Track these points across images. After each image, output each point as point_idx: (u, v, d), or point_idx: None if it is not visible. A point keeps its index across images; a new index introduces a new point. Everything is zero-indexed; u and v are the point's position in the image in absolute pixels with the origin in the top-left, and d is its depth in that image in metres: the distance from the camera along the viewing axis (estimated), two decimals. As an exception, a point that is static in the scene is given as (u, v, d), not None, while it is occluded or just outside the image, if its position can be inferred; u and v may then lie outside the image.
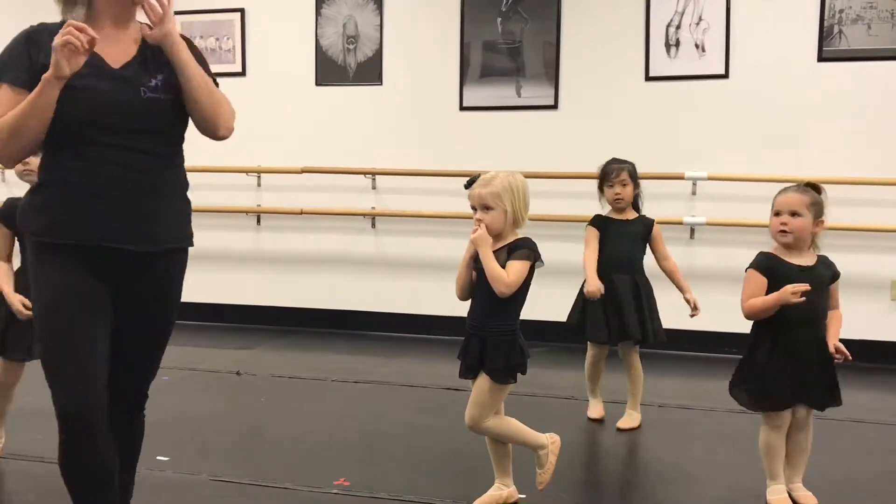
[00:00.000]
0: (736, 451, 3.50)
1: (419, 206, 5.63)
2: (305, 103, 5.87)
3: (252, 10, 5.93)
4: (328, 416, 4.01)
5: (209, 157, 5.63)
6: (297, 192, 5.87)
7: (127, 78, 2.12)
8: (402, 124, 5.70)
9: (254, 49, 5.95)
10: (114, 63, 2.13)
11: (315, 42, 5.82)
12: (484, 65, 5.54)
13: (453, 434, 3.64)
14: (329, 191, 5.81)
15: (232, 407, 4.13)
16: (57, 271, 2.11)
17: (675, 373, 4.86)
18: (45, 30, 2.12)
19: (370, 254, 5.84)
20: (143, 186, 2.13)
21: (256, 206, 5.98)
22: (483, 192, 2.75)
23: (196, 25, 5.94)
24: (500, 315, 2.79)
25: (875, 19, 4.94)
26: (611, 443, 3.72)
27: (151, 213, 2.16)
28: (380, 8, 5.70)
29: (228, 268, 5.99)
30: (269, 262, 6.03)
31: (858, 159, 4.99)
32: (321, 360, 5.12)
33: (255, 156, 5.88)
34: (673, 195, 5.24)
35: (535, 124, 5.47)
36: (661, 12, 5.24)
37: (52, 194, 2.12)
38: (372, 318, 5.82)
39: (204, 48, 5.89)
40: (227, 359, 4.97)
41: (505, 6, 5.48)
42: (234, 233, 6.01)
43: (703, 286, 5.24)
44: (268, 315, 6.01)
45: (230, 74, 5.83)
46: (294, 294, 5.97)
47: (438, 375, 4.60)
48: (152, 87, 2.13)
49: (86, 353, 2.10)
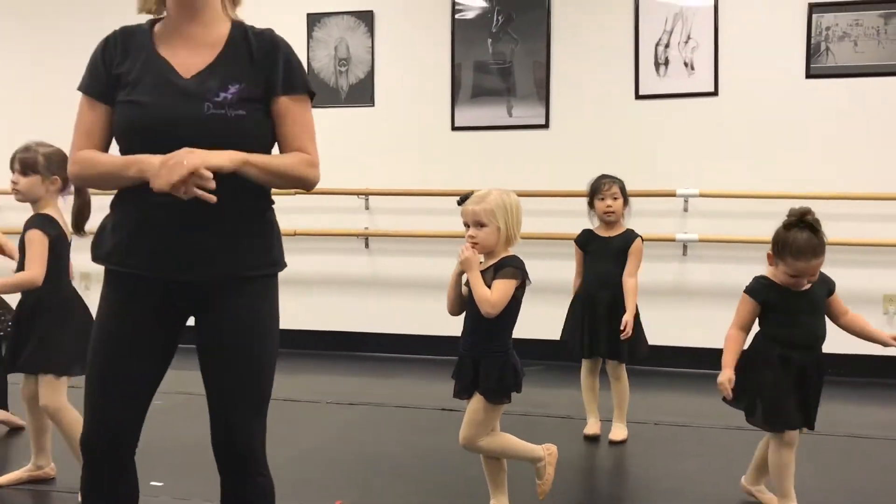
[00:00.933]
0: (731, 468, 3.50)
1: (412, 226, 5.64)
2: (298, 125, 5.88)
3: (244, 34, 5.96)
4: (323, 437, 4.00)
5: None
6: (290, 213, 5.78)
7: (192, 91, 1.88)
8: (395, 145, 5.72)
9: (246, 72, 5.97)
10: (185, 72, 1.91)
11: (307, 65, 5.85)
12: (475, 85, 5.57)
13: (449, 454, 3.63)
14: (322, 211, 5.81)
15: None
16: (113, 300, 1.99)
17: (669, 389, 4.86)
18: (122, 33, 1.99)
19: (363, 274, 5.84)
20: (208, 214, 1.85)
21: (249, 228, 5.97)
22: (477, 209, 2.75)
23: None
24: (492, 335, 2.79)
25: (861, 36, 5.00)
26: (605, 460, 3.72)
27: (219, 241, 1.92)
28: (371, 30, 5.74)
29: (222, 290, 5.97)
30: (262, 284, 6.01)
31: (848, 174, 5.02)
32: (315, 382, 5.10)
33: (248, 178, 5.87)
34: (665, 212, 5.27)
35: (527, 143, 5.50)
36: (649, 31, 5.29)
37: (116, 219, 1.97)
38: (366, 338, 5.81)
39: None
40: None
41: (495, 27, 5.52)
42: (227, 255, 6.00)
43: (697, 303, 5.28)
44: (262, 337, 5.98)
45: (222, 97, 5.84)
46: (287, 315, 5.86)
47: (433, 396, 4.59)
48: (219, 102, 1.87)
49: (116, 388, 1.98)
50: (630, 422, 3.94)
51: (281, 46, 1.99)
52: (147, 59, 1.95)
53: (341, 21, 5.78)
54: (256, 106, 1.92)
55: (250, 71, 1.93)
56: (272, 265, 2.04)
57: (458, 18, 5.57)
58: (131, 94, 1.91)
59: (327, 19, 5.80)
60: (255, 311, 2.00)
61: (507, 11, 5.50)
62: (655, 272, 5.33)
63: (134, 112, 1.90)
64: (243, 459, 2.01)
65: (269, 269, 2.03)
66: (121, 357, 1.97)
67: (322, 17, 5.80)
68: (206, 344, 2.00)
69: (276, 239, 2.05)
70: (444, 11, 5.60)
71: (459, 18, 5.57)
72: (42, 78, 6.13)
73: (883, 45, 4.97)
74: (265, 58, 1.96)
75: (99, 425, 1.99)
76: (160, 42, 1.97)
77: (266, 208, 2.03)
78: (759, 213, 5.11)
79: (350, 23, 5.77)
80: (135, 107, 1.90)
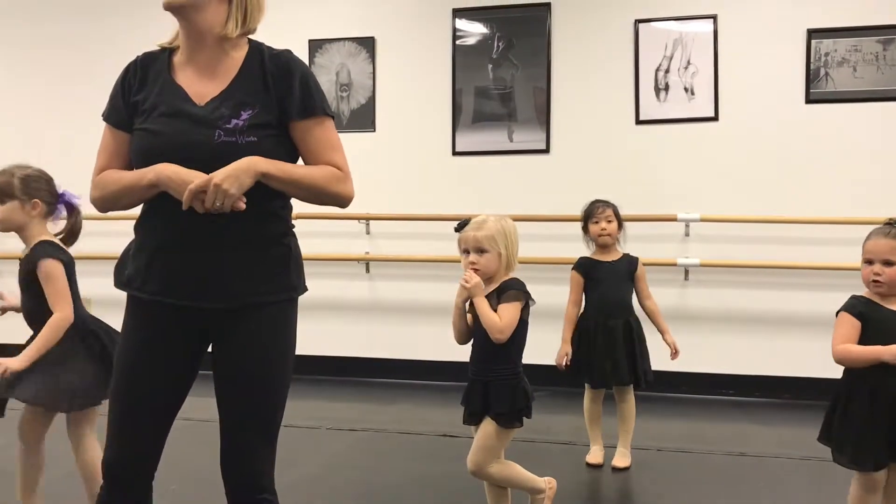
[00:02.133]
0: (734, 494, 3.46)
1: (413, 251, 5.63)
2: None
3: (245, 60, 5.99)
4: (323, 464, 3.97)
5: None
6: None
7: (204, 118, 1.89)
8: (396, 170, 5.73)
9: (247, 97, 5.99)
10: (198, 99, 1.92)
11: (308, 90, 5.86)
12: (476, 110, 5.59)
13: (451, 481, 3.60)
14: (322, 236, 5.81)
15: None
16: (133, 327, 2.00)
17: (672, 415, 4.83)
18: (143, 60, 2.01)
19: (364, 299, 5.83)
20: (224, 239, 1.89)
21: (250, 253, 5.97)
22: (479, 235, 2.76)
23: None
24: (501, 359, 2.78)
25: (860, 62, 5.02)
26: (608, 487, 3.68)
27: (234, 267, 1.92)
28: (372, 56, 5.77)
29: (222, 315, 5.95)
30: (262, 309, 5.99)
31: (849, 199, 5.02)
32: (315, 408, 5.07)
33: (249, 203, 5.88)
34: (666, 237, 5.26)
35: (528, 168, 5.51)
36: (649, 57, 5.31)
37: (137, 245, 1.99)
38: (366, 364, 5.78)
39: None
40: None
41: (496, 53, 5.55)
42: (227, 280, 5.98)
43: (698, 328, 5.26)
44: (262, 362, 5.96)
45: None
46: (288, 341, 5.93)
47: (434, 422, 4.56)
48: (230, 130, 1.88)
49: (137, 417, 1.99)
50: (633, 448, 3.91)
51: (296, 69, 1.98)
52: (163, 86, 1.96)
53: (343, 47, 5.81)
54: (270, 132, 1.92)
55: (264, 97, 1.93)
56: (289, 290, 2.03)
57: (459, 44, 5.60)
58: (146, 121, 1.93)
59: (329, 45, 5.83)
60: (271, 337, 1.99)
61: (508, 37, 5.53)
62: (657, 297, 5.27)
63: (148, 140, 1.92)
64: (251, 485, 1.99)
65: (286, 294, 2.02)
66: (142, 385, 1.98)
67: (324, 43, 5.83)
68: (221, 371, 1.99)
69: (295, 264, 2.04)
70: (444, 37, 5.63)
71: (460, 44, 5.60)
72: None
73: (882, 70, 4.99)
74: (280, 82, 1.95)
75: (122, 451, 2.00)
76: (178, 69, 1.99)
77: (284, 233, 2.03)
78: (761, 237, 5.11)
79: (351, 49, 5.80)
80: (149, 135, 1.92)
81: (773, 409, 4.95)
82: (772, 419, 4.74)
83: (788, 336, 5.10)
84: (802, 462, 3.85)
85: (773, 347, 5.14)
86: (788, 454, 4.02)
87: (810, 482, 3.51)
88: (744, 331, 5.20)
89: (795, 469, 3.82)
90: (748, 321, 5.20)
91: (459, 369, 2.87)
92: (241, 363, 1.97)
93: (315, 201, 2.02)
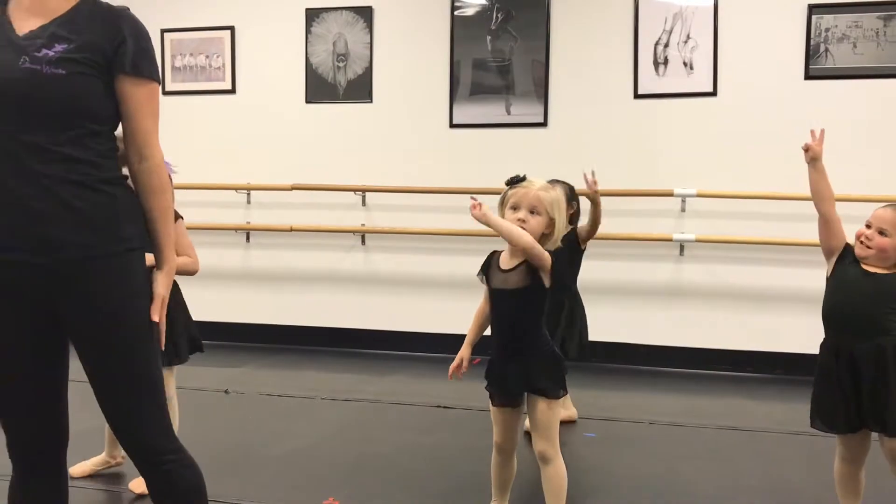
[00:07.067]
0: (726, 468, 3.49)
1: (409, 223, 5.62)
2: (295, 121, 5.87)
3: (242, 29, 5.93)
4: (317, 434, 3.99)
5: (198, 174, 5.64)
6: (286, 209, 5.86)
7: (17, 45, 1.83)
8: (392, 141, 5.71)
9: (244, 67, 5.95)
10: (20, 30, 1.87)
11: (305, 60, 5.83)
12: (474, 83, 5.55)
13: (443, 453, 3.63)
14: (319, 208, 5.80)
15: (220, 426, 4.10)
16: None
17: (664, 390, 4.85)
18: None
19: (359, 271, 5.83)
20: (38, 185, 1.79)
21: (246, 223, 5.97)
22: (542, 195, 2.61)
23: (186, 43, 5.94)
24: (534, 332, 2.66)
25: (860, 38, 4.99)
26: (600, 457, 3.70)
27: (52, 216, 1.81)
28: (370, 26, 5.72)
29: (217, 285, 5.95)
30: (258, 280, 6.01)
31: (847, 176, 5.00)
32: (310, 378, 5.09)
33: (245, 173, 5.87)
34: (662, 212, 5.26)
35: (525, 142, 5.49)
36: (649, 31, 5.28)
37: None
38: (361, 335, 5.80)
39: (194, 66, 5.90)
40: (215, 377, 4.94)
41: (494, 25, 5.51)
42: (223, 250, 5.98)
43: (693, 303, 5.27)
44: (257, 333, 5.98)
45: (220, 92, 5.83)
46: (283, 311, 5.95)
47: (428, 393, 4.58)
48: (37, 58, 1.81)
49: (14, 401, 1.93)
50: (626, 421, 3.93)
51: (131, 24, 1.93)
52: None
53: (340, 16, 5.76)
54: (84, 70, 1.84)
55: (89, 37, 1.87)
56: (121, 242, 1.89)
57: (458, 15, 5.56)
58: None
59: (326, 14, 5.78)
60: (109, 293, 1.87)
61: (507, 9, 5.49)
62: (652, 272, 5.33)
63: None
64: (146, 449, 1.96)
65: (117, 246, 1.89)
66: (8, 366, 1.91)
67: (321, 12, 5.78)
68: (70, 333, 1.91)
69: (126, 214, 1.91)
70: (443, 8, 5.58)
71: (458, 15, 5.56)
72: None
73: (882, 46, 4.97)
74: (112, 31, 1.89)
75: (12, 435, 1.96)
76: (13, 6, 1.93)
77: (107, 180, 1.89)
78: (757, 213, 5.11)
79: (349, 18, 5.75)
80: None
81: (766, 384, 4.98)
82: (764, 394, 4.77)
83: (782, 312, 5.11)
84: (793, 436, 3.88)
85: (767, 323, 5.16)
86: (780, 429, 4.04)
87: (801, 456, 3.53)
88: (738, 306, 5.22)
89: (787, 443, 3.85)
90: (743, 297, 5.21)
91: (454, 341, 2.87)
92: (86, 324, 1.88)
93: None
